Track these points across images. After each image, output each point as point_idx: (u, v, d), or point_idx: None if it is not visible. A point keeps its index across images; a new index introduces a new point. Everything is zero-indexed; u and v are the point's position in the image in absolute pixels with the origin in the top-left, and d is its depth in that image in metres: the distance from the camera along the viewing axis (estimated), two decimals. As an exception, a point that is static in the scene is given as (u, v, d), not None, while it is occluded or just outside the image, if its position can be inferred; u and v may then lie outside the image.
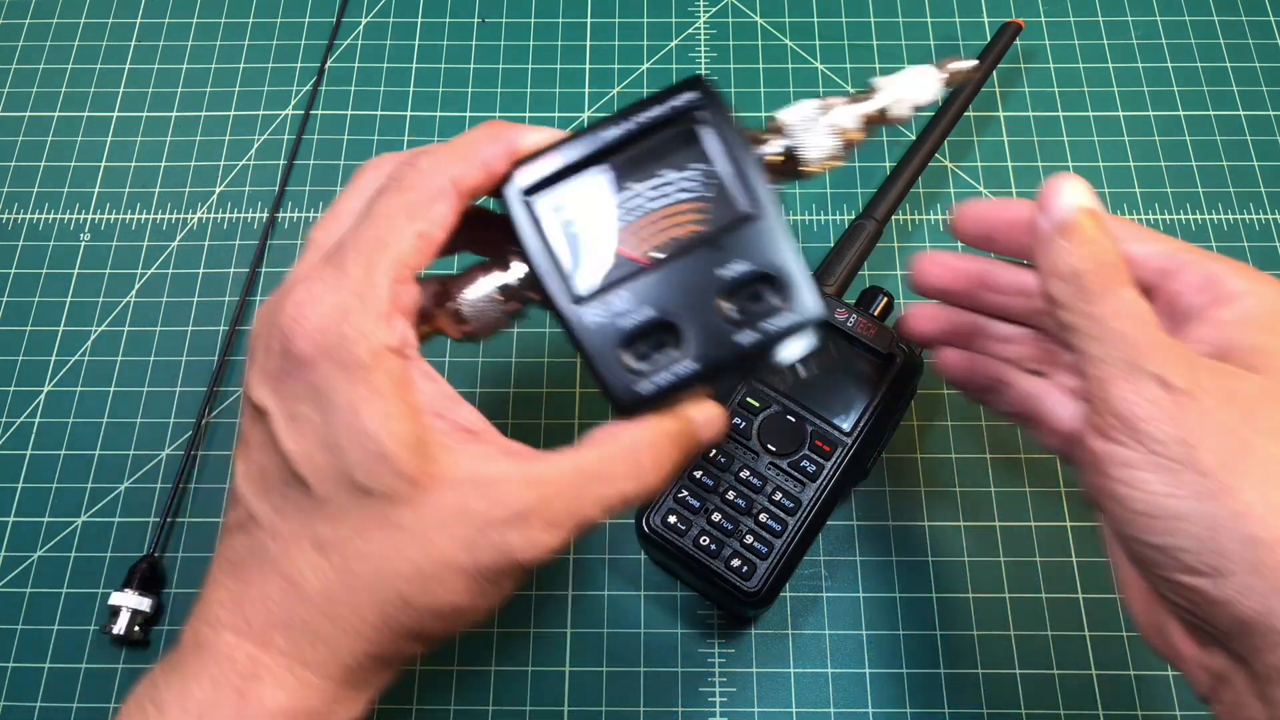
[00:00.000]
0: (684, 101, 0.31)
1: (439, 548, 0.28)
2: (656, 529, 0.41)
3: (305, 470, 0.28)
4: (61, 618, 0.45)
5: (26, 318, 0.51)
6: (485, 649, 0.44)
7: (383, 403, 0.28)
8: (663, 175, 0.32)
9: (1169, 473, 0.26)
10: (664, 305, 0.31)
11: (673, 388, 0.31)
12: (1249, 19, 0.58)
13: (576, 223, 0.32)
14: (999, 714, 0.42)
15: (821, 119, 0.32)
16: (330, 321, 0.28)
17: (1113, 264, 0.29)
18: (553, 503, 0.29)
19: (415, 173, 0.30)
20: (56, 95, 0.57)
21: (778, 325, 0.31)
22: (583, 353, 0.31)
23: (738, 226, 0.31)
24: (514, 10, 0.59)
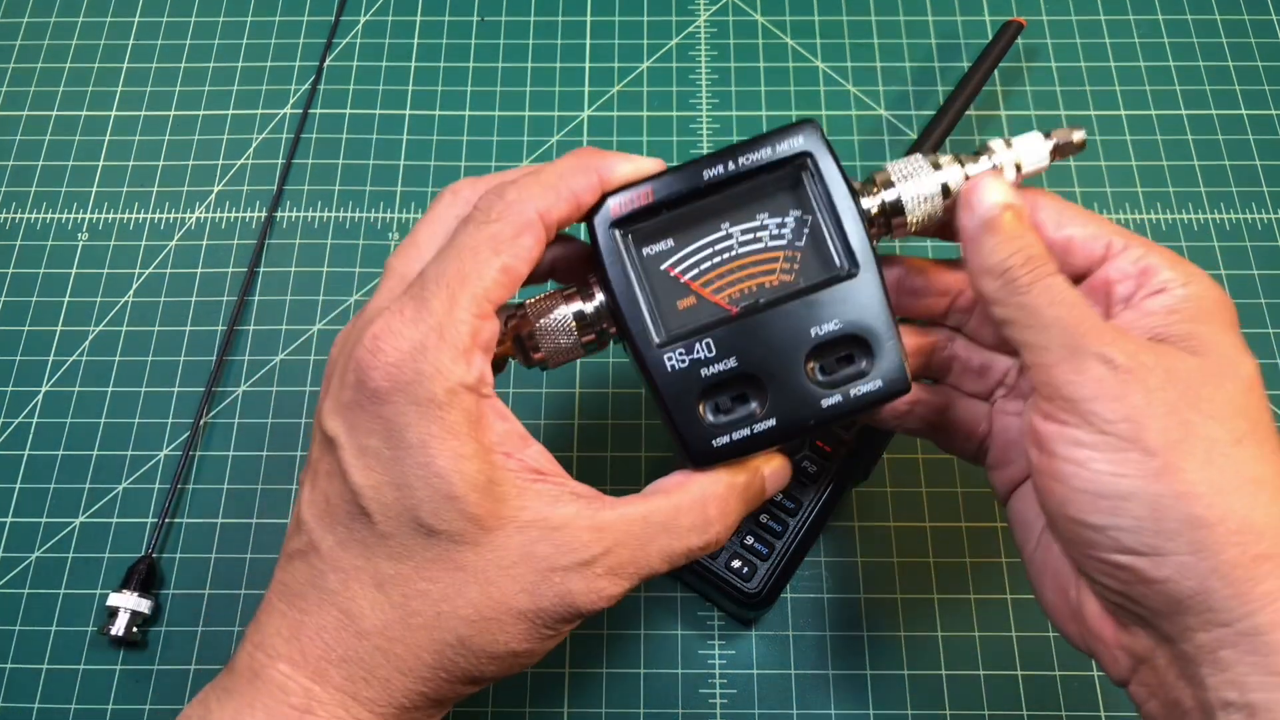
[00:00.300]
0: (792, 148, 0.31)
1: (501, 591, 0.28)
2: (656, 530, 0.41)
3: (372, 505, 0.28)
4: (59, 618, 0.45)
5: (24, 317, 0.51)
6: (484, 650, 0.43)
7: (455, 442, 0.27)
8: (759, 220, 0.31)
9: (1116, 451, 0.27)
10: (749, 358, 0.30)
11: (748, 444, 0.30)
12: (1251, 18, 0.58)
13: (666, 260, 0.31)
14: (1000, 715, 0.42)
15: (930, 176, 0.31)
16: (407, 357, 0.27)
17: (1039, 255, 0.29)
18: (618, 551, 0.29)
19: (502, 204, 0.29)
20: (54, 94, 0.57)
21: (863, 392, 0.30)
22: (658, 397, 0.30)
23: (833, 283, 0.30)
24: (513, 9, 0.59)
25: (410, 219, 0.53)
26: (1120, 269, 0.30)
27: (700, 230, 0.31)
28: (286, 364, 0.49)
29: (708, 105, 0.56)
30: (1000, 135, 0.54)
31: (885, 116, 0.55)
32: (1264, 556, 0.26)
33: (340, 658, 0.28)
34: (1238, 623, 0.26)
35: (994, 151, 0.32)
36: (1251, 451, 0.27)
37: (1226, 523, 0.26)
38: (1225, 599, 0.26)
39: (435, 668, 0.28)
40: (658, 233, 0.31)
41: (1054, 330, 0.28)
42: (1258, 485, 0.26)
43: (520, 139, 0.55)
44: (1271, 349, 0.49)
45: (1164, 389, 0.27)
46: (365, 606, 0.28)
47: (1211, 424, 0.27)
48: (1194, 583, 0.26)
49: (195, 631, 0.44)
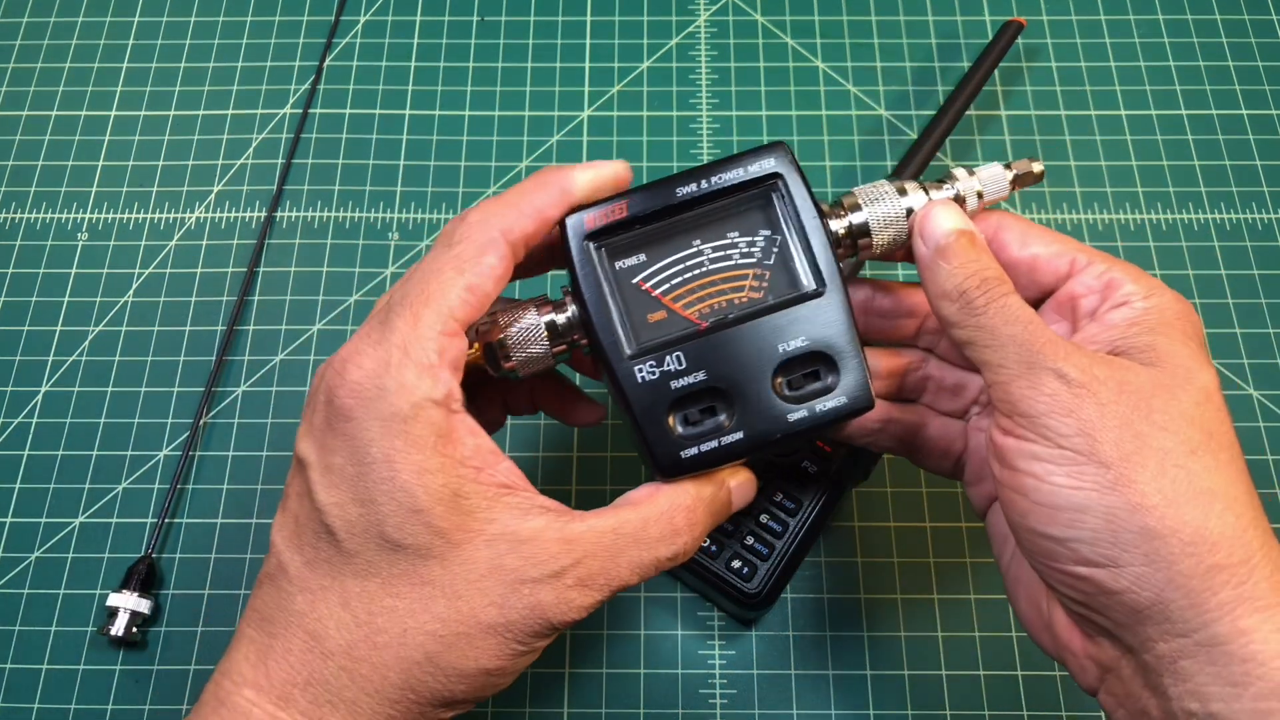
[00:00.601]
0: (763, 169, 0.31)
1: (469, 604, 0.27)
2: (656, 530, 0.41)
3: (336, 523, 0.28)
4: (59, 619, 0.44)
5: (24, 317, 0.51)
6: (484, 650, 0.43)
7: (420, 456, 0.27)
8: (730, 238, 0.32)
9: (1072, 464, 0.27)
10: (718, 372, 0.30)
11: (716, 456, 0.30)
12: (1251, 18, 0.58)
13: (638, 274, 0.31)
14: (999, 715, 0.42)
15: (896, 200, 0.32)
16: (371, 374, 0.28)
17: (994, 277, 0.30)
18: (588, 563, 0.28)
19: (464, 226, 0.30)
20: (54, 94, 0.57)
21: (828, 407, 0.31)
22: (628, 409, 0.31)
23: (801, 301, 0.31)
24: (513, 9, 0.59)
25: (410, 219, 0.53)
26: (1085, 283, 0.31)
27: (673, 246, 0.32)
28: (286, 364, 0.49)
29: (708, 105, 0.55)
30: (999, 134, 0.54)
31: (885, 116, 0.55)
32: (1218, 567, 0.26)
33: (305, 680, 0.27)
34: (1195, 633, 0.26)
35: (957, 179, 0.33)
36: (1205, 462, 0.27)
37: (1180, 534, 0.26)
38: (1182, 610, 0.26)
39: (403, 688, 0.28)
40: (631, 247, 0.31)
41: (1010, 348, 0.29)
42: (1210, 496, 0.27)
43: (520, 139, 0.55)
44: (1271, 349, 0.49)
45: (1116, 402, 0.27)
46: (331, 626, 0.28)
47: (1164, 435, 0.27)
48: (1151, 594, 0.26)
49: (195, 632, 0.44)
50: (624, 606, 0.44)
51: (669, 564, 0.30)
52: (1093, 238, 0.52)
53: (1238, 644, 0.25)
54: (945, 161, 0.54)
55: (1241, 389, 0.48)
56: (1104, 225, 0.52)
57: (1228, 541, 0.26)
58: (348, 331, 0.50)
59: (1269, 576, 0.26)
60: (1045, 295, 0.32)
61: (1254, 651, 0.25)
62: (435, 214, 0.53)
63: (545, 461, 0.47)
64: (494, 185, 0.53)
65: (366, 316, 0.31)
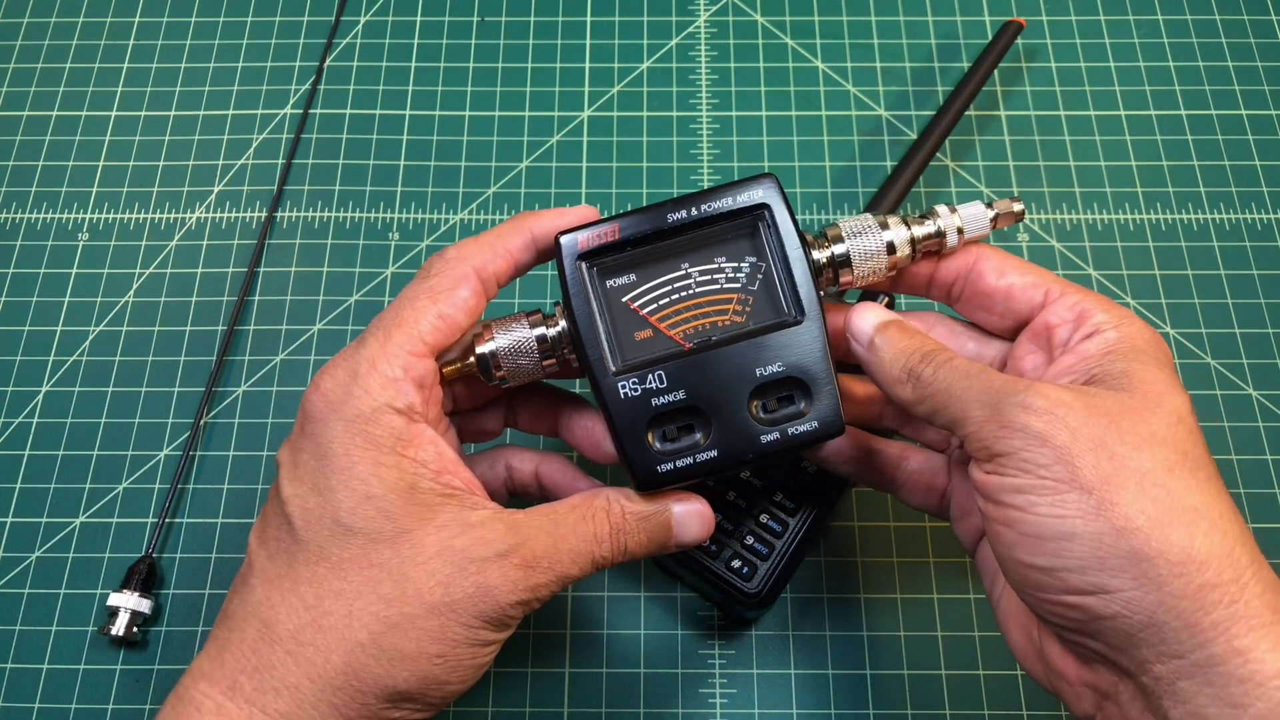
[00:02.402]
0: (751, 198, 0.33)
1: (415, 585, 0.28)
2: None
3: (295, 511, 0.30)
4: (60, 618, 0.45)
5: (24, 317, 0.51)
6: (485, 650, 0.43)
7: (376, 452, 0.29)
8: (717, 263, 0.33)
9: (1054, 493, 0.27)
10: (697, 392, 0.32)
11: (690, 472, 0.32)
12: (1250, 18, 0.58)
13: (627, 294, 0.33)
14: (1000, 715, 0.42)
15: (877, 234, 0.33)
16: (340, 383, 0.30)
17: (934, 347, 0.31)
18: (532, 545, 0.30)
19: (441, 261, 0.32)
20: (54, 94, 0.57)
21: (799, 431, 0.32)
22: (610, 422, 0.32)
23: (780, 328, 0.32)
24: (513, 9, 0.59)
25: (410, 219, 0.53)
26: (1058, 314, 0.32)
27: (662, 268, 0.33)
28: (286, 364, 0.50)
29: (708, 105, 0.56)
30: (998, 134, 0.54)
31: (885, 116, 0.55)
32: (1209, 586, 0.26)
33: (254, 667, 0.28)
34: (1191, 654, 0.26)
35: (939, 215, 0.34)
36: (1185, 480, 0.27)
37: (1167, 555, 0.26)
38: (1176, 631, 0.26)
39: (345, 673, 0.28)
40: (621, 267, 0.33)
41: (971, 399, 0.29)
42: (1194, 514, 0.27)
43: (520, 139, 0.55)
44: (1271, 349, 0.49)
45: (1087, 425, 0.28)
46: (282, 613, 0.29)
47: (1140, 455, 0.27)
48: (1143, 617, 0.26)
49: (195, 632, 0.44)
50: (624, 606, 0.44)
51: (607, 562, 0.32)
52: (1092, 238, 0.52)
53: (1235, 664, 0.25)
54: (946, 162, 0.54)
55: (1241, 389, 0.48)
56: (1104, 225, 0.52)
57: (1216, 560, 0.26)
58: (348, 331, 0.50)
59: (1261, 594, 0.26)
60: (1021, 325, 0.33)
61: (1252, 671, 0.25)
62: (435, 214, 0.53)
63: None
64: (494, 185, 0.54)
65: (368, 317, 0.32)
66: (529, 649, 0.43)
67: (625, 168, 0.54)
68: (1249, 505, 0.46)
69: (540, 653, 0.43)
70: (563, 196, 0.53)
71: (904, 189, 0.49)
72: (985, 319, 0.35)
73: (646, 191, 0.53)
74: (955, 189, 0.53)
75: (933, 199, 0.53)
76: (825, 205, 0.53)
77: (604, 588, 0.44)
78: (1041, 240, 0.52)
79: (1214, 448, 0.47)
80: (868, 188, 0.53)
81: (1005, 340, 0.35)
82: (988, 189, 0.53)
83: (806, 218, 0.53)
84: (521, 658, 0.43)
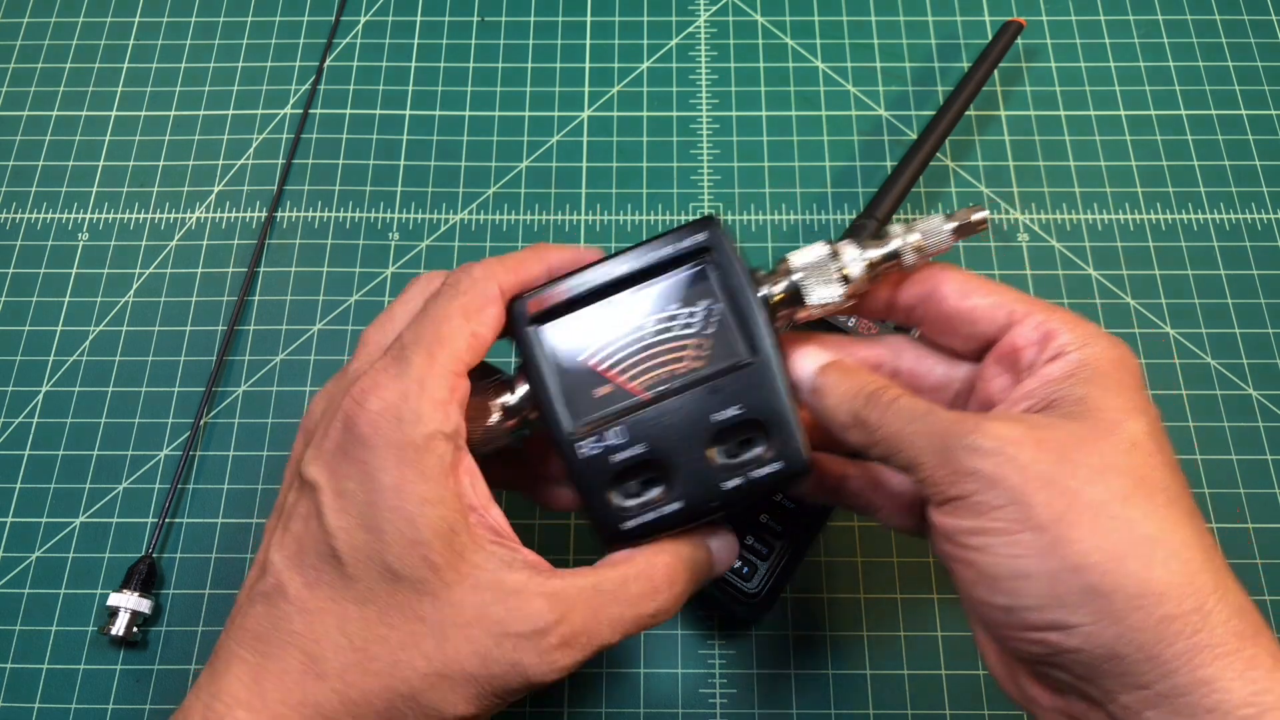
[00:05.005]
0: (695, 242, 0.32)
1: (455, 649, 0.28)
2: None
3: (343, 547, 0.28)
4: (60, 618, 0.45)
5: (24, 317, 0.51)
6: (485, 650, 0.43)
7: (426, 487, 0.29)
8: (669, 310, 0.33)
9: (1008, 534, 0.27)
10: (656, 444, 0.31)
11: (656, 526, 0.31)
12: (1251, 18, 0.58)
13: (582, 353, 0.32)
14: (1000, 714, 0.42)
15: (830, 264, 0.32)
16: (391, 405, 0.29)
17: (878, 387, 0.31)
18: (571, 620, 0.29)
19: (469, 279, 0.32)
20: (54, 94, 0.57)
21: (763, 474, 0.31)
22: (575, 483, 0.32)
23: (735, 370, 0.31)
24: (513, 9, 0.59)
25: (410, 219, 0.53)
26: (1024, 335, 0.31)
27: (615, 323, 0.33)
28: (287, 364, 0.50)
29: (708, 105, 0.56)
30: (998, 134, 0.54)
31: (885, 117, 0.55)
32: (1169, 618, 0.25)
33: (299, 702, 0.28)
34: (1156, 684, 0.25)
35: (893, 236, 0.32)
36: (1142, 508, 0.26)
37: (1124, 589, 0.25)
38: (1138, 663, 0.25)
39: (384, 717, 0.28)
40: (574, 327, 0.33)
41: (919, 442, 0.29)
42: (1151, 544, 0.26)
43: (520, 139, 0.55)
44: (1271, 349, 0.49)
45: (1037, 461, 0.27)
46: (329, 649, 0.28)
47: (1093, 487, 0.27)
48: (1104, 650, 0.26)
49: (195, 631, 0.44)
50: (624, 606, 0.44)
51: (651, 622, 0.31)
52: (1092, 238, 0.52)
53: (1200, 694, 0.25)
54: (945, 162, 0.54)
55: (1241, 389, 0.48)
56: (1103, 225, 0.52)
57: (1176, 590, 0.25)
58: (348, 331, 0.50)
59: (1225, 622, 0.25)
60: (987, 346, 0.32)
61: (1218, 701, 0.25)
62: (435, 214, 0.53)
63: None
64: (494, 185, 0.54)
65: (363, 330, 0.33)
66: (529, 649, 0.43)
67: (625, 168, 0.54)
68: (1249, 505, 0.46)
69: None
70: (563, 196, 0.53)
71: (904, 189, 0.49)
72: (950, 341, 0.33)
73: (646, 192, 0.53)
74: (955, 189, 0.53)
75: (933, 199, 0.53)
76: (825, 205, 0.53)
77: (604, 588, 0.45)
78: (1041, 240, 0.52)
79: (1213, 448, 0.47)
80: (868, 188, 0.53)
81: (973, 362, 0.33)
82: (988, 189, 0.53)
83: (807, 218, 0.53)
84: (521, 658, 0.43)
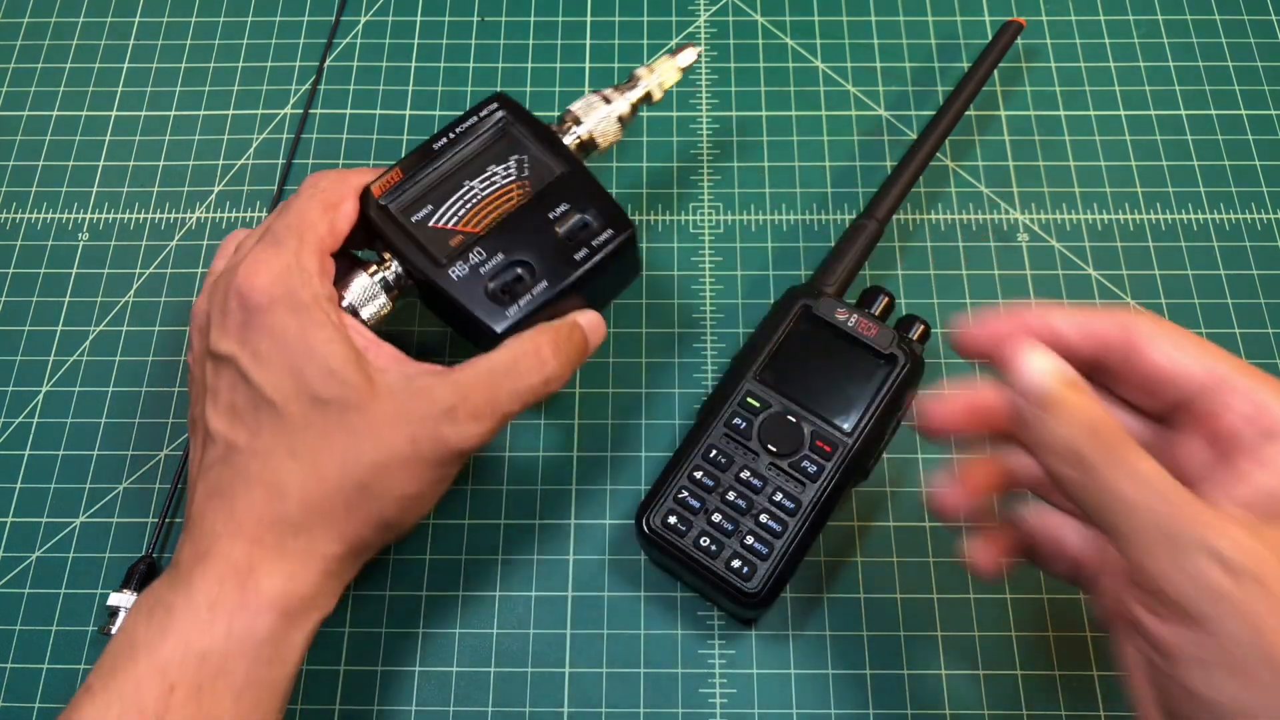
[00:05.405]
0: (492, 113, 0.41)
1: (387, 442, 0.34)
2: (656, 529, 0.41)
3: (274, 394, 0.34)
4: (60, 618, 0.45)
5: (24, 317, 0.51)
6: (485, 649, 0.43)
7: (325, 332, 0.34)
8: (489, 170, 0.41)
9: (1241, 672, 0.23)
10: (513, 248, 0.39)
11: (533, 305, 0.38)
12: (1251, 18, 0.58)
13: (430, 220, 0.40)
14: (1000, 715, 0.42)
15: (605, 108, 0.42)
16: (278, 278, 0.35)
17: (1108, 428, 0.26)
18: (473, 398, 0.35)
19: (326, 180, 0.39)
20: (55, 94, 0.57)
21: (601, 240, 0.39)
22: (454, 301, 0.38)
23: (557, 185, 0.40)
24: (513, 9, 0.59)
25: (410, 219, 0.53)
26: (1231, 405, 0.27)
27: (449, 191, 0.40)
28: (287, 364, 0.49)
29: (708, 105, 0.56)
30: (998, 134, 0.54)
31: (885, 117, 0.55)
32: None
33: (271, 521, 0.33)
34: None
35: (641, 80, 0.44)
36: None
37: None
38: None
39: (348, 511, 0.34)
40: (416, 201, 0.40)
41: (1144, 517, 0.25)
42: None
43: (520, 139, 0.55)
44: (1271, 349, 0.49)
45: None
46: (285, 476, 0.33)
47: None
48: None
49: (196, 631, 0.44)
50: (624, 606, 0.44)
51: (544, 389, 0.36)
52: (1092, 238, 0.52)
53: None
54: (945, 162, 0.54)
55: (1241, 389, 0.48)
56: (1103, 225, 0.52)
57: None
58: (348, 331, 0.50)
59: None
60: (1176, 408, 0.29)
61: None
62: (435, 214, 0.53)
63: (545, 461, 0.47)
64: (494, 185, 0.53)
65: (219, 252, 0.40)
66: (529, 648, 0.43)
67: (625, 168, 0.54)
68: (1249, 505, 0.46)
69: (540, 653, 0.43)
70: (563, 196, 0.53)
71: (904, 190, 0.49)
72: (1135, 396, 0.30)
73: (646, 192, 0.53)
74: (955, 189, 0.53)
75: (933, 199, 0.53)
76: (825, 205, 0.53)
77: (604, 588, 0.45)
78: (1041, 240, 0.52)
79: (1214, 448, 0.47)
80: (868, 188, 0.53)
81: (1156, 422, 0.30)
82: (987, 189, 0.53)
83: (806, 218, 0.53)
84: (522, 658, 0.43)
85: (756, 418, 0.43)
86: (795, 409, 0.43)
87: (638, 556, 0.45)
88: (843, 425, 0.42)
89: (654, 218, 0.53)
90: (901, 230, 0.52)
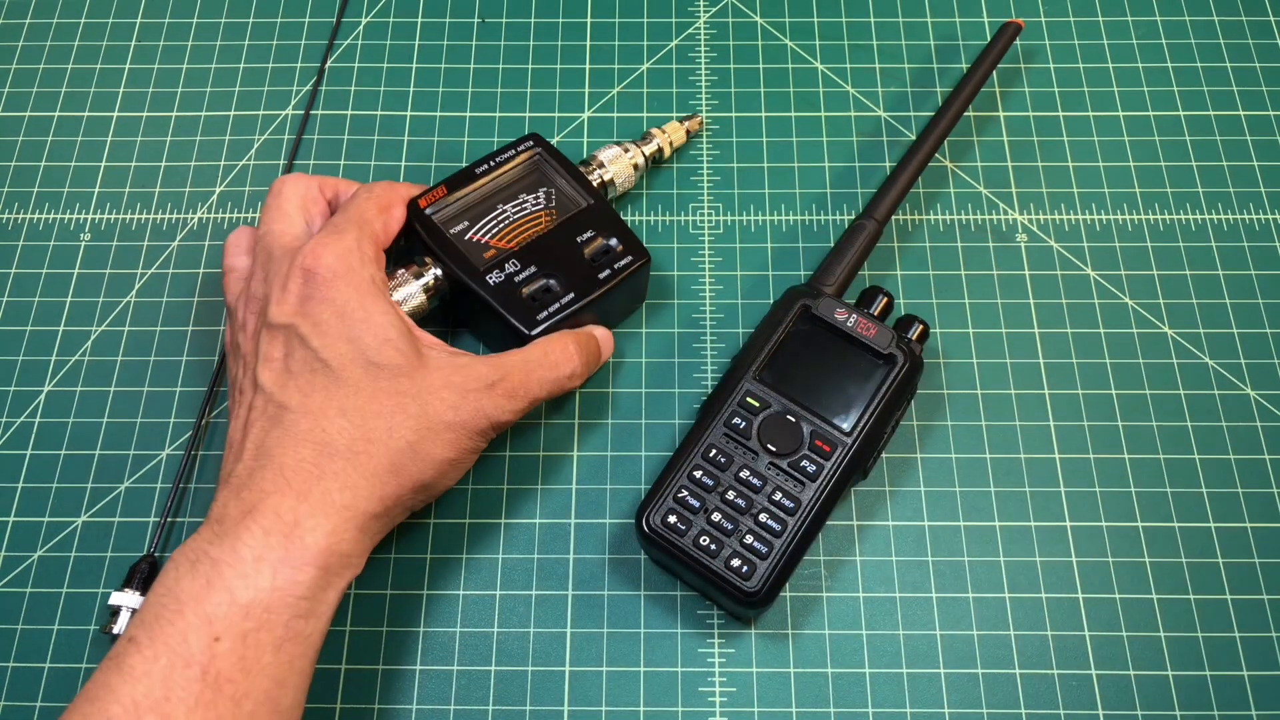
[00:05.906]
0: (529, 149, 0.48)
1: (433, 408, 0.38)
2: (656, 529, 0.41)
3: (331, 357, 0.37)
4: (61, 618, 0.45)
5: (26, 318, 0.51)
6: (485, 648, 0.44)
7: (383, 304, 0.39)
8: (521, 198, 0.47)
9: None
10: (545, 264, 0.45)
11: (561, 311, 0.43)
12: (1249, 19, 0.58)
13: (467, 234, 0.46)
14: (999, 714, 0.42)
15: (625, 157, 0.50)
16: (341, 258, 0.39)
17: None
18: (510, 378, 0.40)
19: (380, 186, 0.44)
20: (57, 95, 0.57)
21: (624, 264, 0.45)
22: (491, 303, 0.43)
23: (584, 214, 0.46)
24: (514, 10, 0.59)
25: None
26: None
27: (483, 211, 0.46)
28: (288, 364, 0.50)
29: (708, 106, 0.56)
30: (997, 134, 0.55)
31: (884, 117, 0.55)
32: None
33: (318, 476, 0.35)
34: None
35: (654, 137, 0.51)
36: None
37: None
38: None
39: (390, 470, 0.37)
40: (456, 217, 0.46)
41: None
42: None
43: (521, 140, 0.55)
44: (1269, 349, 0.49)
45: None
46: (334, 433, 0.36)
47: None
48: None
49: (197, 630, 0.44)
50: (623, 605, 0.44)
51: (569, 383, 0.42)
52: (1091, 238, 0.52)
53: None
54: (944, 162, 0.54)
55: (1240, 389, 0.48)
56: (1101, 226, 0.52)
57: None
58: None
59: None
60: None
61: None
62: (436, 215, 0.53)
63: (545, 461, 0.47)
64: (495, 186, 0.54)
65: None
66: (529, 646, 0.44)
67: (625, 168, 0.54)
68: (1247, 505, 0.46)
69: (540, 651, 0.43)
70: (563, 197, 0.53)
71: (903, 190, 0.49)
72: None
73: (647, 193, 0.53)
74: (954, 189, 0.53)
75: (932, 200, 0.53)
76: (825, 205, 0.53)
77: (604, 587, 0.45)
78: (1040, 241, 0.52)
79: (1213, 448, 0.47)
80: (867, 188, 0.53)
81: None
82: (986, 189, 0.53)
83: (806, 218, 0.53)
84: (522, 657, 0.43)
85: (756, 417, 0.43)
86: (795, 409, 0.43)
87: (638, 556, 0.45)
88: (842, 425, 0.42)
89: (654, 218, 0.53)
90: (900, 230, 0.52)
